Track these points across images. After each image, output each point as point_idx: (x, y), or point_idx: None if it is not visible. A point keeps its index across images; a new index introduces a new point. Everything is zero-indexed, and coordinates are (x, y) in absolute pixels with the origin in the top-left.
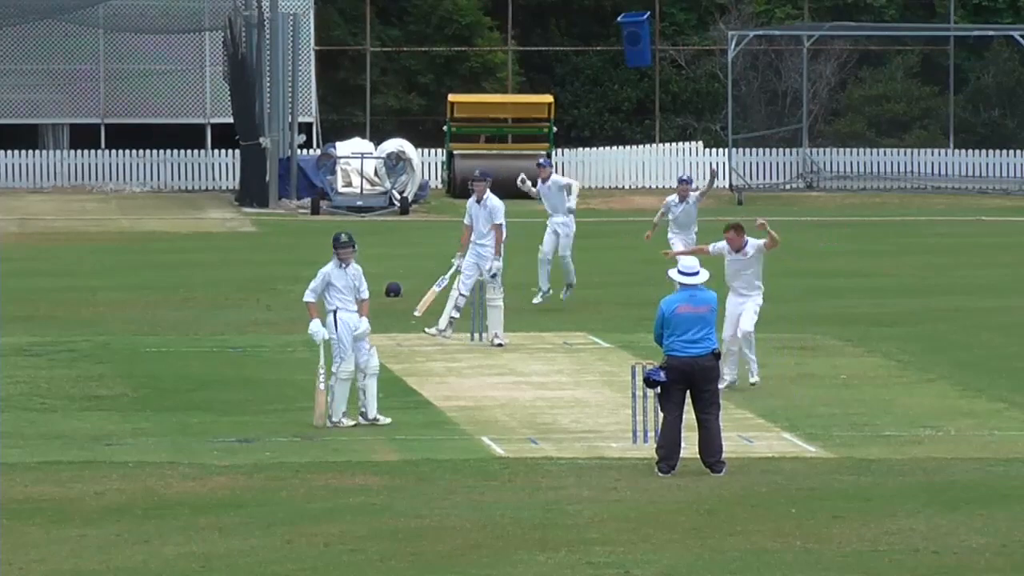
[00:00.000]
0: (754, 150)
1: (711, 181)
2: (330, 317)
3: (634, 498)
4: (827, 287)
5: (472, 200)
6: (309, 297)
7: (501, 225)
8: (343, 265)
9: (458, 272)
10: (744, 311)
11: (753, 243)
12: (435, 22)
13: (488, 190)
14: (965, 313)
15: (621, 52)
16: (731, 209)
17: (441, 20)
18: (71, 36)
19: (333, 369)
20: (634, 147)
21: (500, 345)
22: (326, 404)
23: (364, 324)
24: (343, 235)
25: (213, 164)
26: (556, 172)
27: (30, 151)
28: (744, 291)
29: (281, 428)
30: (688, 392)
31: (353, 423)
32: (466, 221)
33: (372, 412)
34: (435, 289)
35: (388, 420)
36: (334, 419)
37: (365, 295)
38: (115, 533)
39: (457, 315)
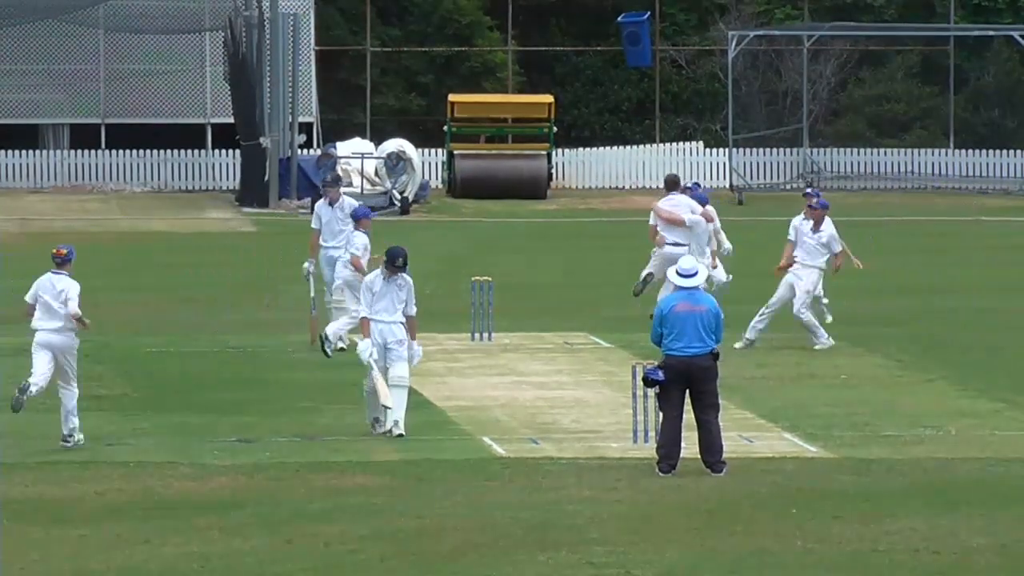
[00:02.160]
0: (754, 150)
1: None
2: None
3: (634, 498)
4: (827, 287)
5: (322, 203)
6: (364, 312)
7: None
8: (388, 277)
9: (309, 278)
10: None
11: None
12: (435, 22)
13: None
14: (966, 313)
15: (621, 52)
16: (732, 209)
17: (441, 20)
18: (71, 36)
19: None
20: (634, 147)
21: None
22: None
23: (417, 352)
24: (400, 258)
25: (213, 164)
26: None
27: (30, 151)
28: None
29: (281, 428)
30: (687, 392)
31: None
32: (314, 225)
33: (388, 424)
34: (313, 315)
35: (395, 430)
36: (374, 432)
37: (412, 311)
38: (115, 533)
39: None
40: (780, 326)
